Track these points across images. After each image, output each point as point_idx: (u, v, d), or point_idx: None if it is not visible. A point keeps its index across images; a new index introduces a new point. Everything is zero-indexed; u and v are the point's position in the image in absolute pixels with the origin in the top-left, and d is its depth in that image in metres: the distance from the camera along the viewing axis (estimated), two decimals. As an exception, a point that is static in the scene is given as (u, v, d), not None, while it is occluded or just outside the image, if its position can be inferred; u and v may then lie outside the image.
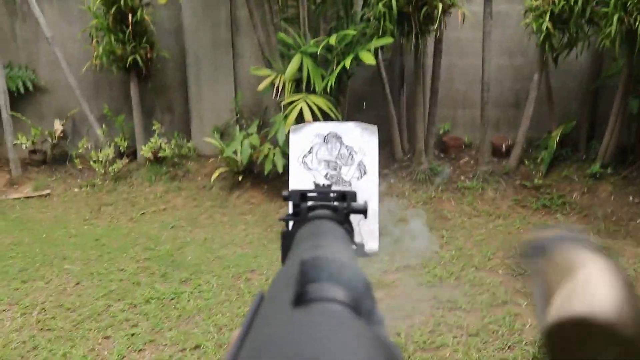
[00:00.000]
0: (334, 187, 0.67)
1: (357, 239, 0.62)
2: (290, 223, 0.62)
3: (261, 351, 0.27)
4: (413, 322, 3.48)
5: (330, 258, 0.36)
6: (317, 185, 0.67)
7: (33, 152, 6.57)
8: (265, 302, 0.35)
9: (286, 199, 0.64)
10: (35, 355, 3.29)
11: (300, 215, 0.62)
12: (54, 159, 6.61)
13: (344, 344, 0.26)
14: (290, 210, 0.65)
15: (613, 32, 4.49)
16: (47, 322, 3.65)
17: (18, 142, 6.28)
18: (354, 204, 0.63)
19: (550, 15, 4.88)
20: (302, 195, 0.63)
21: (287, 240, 0.59)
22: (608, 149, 5.27)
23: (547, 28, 4.91)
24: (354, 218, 0.65)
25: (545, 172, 5.44)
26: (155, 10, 6.15)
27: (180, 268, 4.39)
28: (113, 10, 5.72)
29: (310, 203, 0.64)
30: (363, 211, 0.63)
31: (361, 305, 0.32)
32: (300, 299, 0.31)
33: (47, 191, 6.14)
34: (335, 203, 0.64)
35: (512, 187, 5.47)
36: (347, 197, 0.64)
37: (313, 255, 0.36)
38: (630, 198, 5.04)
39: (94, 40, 5.99)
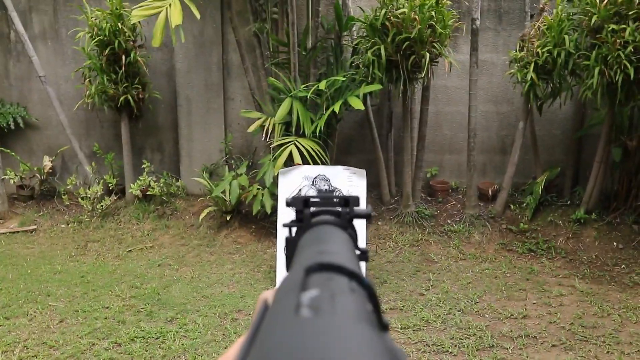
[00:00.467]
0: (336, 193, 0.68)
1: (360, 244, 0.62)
2: (294, 229, 0.61)
3: (267, 358, 0.27)
4: (400, 365, 3.46)
5: (334, 265, 0.37)
6: (320, 191, 0.69)
7: (21, 187, 6.55)
8: (270, 309, 0.35)
9: (289, 205, 0.63)
10: (16, 393, 3.23)
11: (304, 221, 0.61)
12: (41, 194, 6.59)
13: (349, 350, 0.26)
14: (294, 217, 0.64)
15: (594, 84, 4.64)
16: (29, 360, 3.59)
17: (6, 177, 6.27)
18: (357, 209, 0.62)
19: (534, 67, 5.04)
20: (305, 202, 0.63)
21: (291, 247, 0.58)
22: (592, 195, 5.37)
23: (531, 78, 5.07)
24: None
25: (531, 216, 5.52)
26: (148, 53, 6.26)
27: (166, 307, 4.35)
28: (107, 51, 5.81)
29: (313, 209, 0.63)
30: (366, 216, 0.63)
31: (367, 311, 0.33)
32: (305, 305, 0.31)
33: (34, 227, 6.10)
34: (339, 208, 0.63)
35: (498, 231, 5.53)
36: (350, 202, 0.63)
37: (317, 262, 0.37)
38: (615, 244, 5.12)
39: (87, 80, 6.06)
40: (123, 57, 5.85)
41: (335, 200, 0.64)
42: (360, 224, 4.71)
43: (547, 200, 5.69)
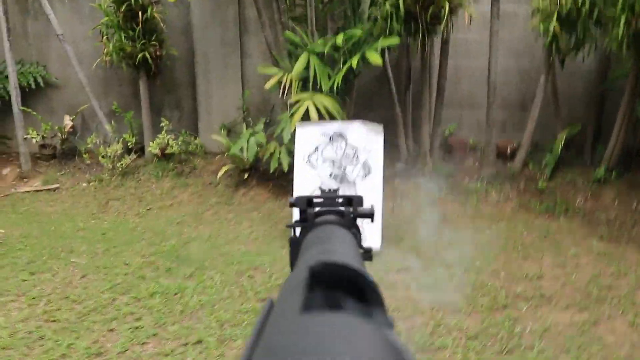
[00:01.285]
0: (340, 192, 0.67)
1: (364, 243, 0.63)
2: (298, 229, 0.62)
3: (272, 357, 0.27)
4: (413, 323, 3.51)
5: (338, 263, 0.37)
6: (323, 190, 0.69)
7: (43, 146, 6.65)
8: (275, 308, 0.36)
9: (293, 205, 0.64)
10: (41, 345, 3.35)
11: (308, 221, 0.62)
12: (63, 153, 6.69)
13: (354, 348, 0.26)
14: (297, 216, 0.65)
15: (620, 34, 4.48)
16: (53, 314, 3.71)
17: (28, 136, 6.36)
18: (360, 209, 0.63)
19: (557, 17, 4.87)
20: (309, 201, 0.63)
21: (295, 246, 0.59)
22: (613, 153, 5.26)
23: (554, 29, 4.90)
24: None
25: (550, 175, 5.45)
26: (164, 9, 6.20)
27: (184, 264, 4.44)
28: (123, 8, 5.78)
29: (317, 209, 0.64)
30: (370, 215, 0.63)
31: (370, 310, 0.33)
32: (310, 304, 0.32)
33: (56, 185, 6.22)
34: (342, 208, 0.64)
35: (516, 190, 5.48)
36: (353, 201, 0.64)
37: (321, 261, 0.37)
38: (634, 204, 5.04)
39: (104, 38, 6.05)
40: (140, 14, 5.81)
41: (338, 200, 0.64)
42: (376, 182, 4.71)
43: (566, 158, 5.60)
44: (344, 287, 0.35)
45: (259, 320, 0.34)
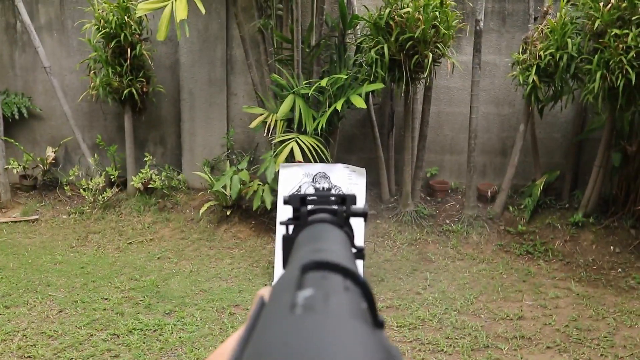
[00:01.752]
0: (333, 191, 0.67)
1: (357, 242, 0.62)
2: (291, 227, 0.61)
3: (263, 355, 0.27)
4: (394, 363, 3.49)
5: (330, 262, 0.37)
6: (317, 189, 0.70)
7: (24, 177, 6.59)
8: (266, 307, 0.35)
9: (286, 203, 0.63)
10: (14, 381, 3.27)
11: (301, 219, 0.61)
12: (44, 184, 6.63)
13: (344, 347, 0.26)
14: (290, 215, 0.64)
15: (596, 88, 4.65)
16: (28, 349, 3.63)
17: (9, 166, 6.31)
18: (353, 207, 0.62)
19: (536, 69, 5.05)
20: (302, 199, 0.62)
21: (288, 245, 0.58)
22: (590, 199, 5.40)
23: (533, 81, 5.08)
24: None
25: (529, 219, 5.55)
26: (153, 46, 6.29)
27: (164, 299, 4.39)
28: (112, 44, 5.84)
29: (310, 207, 0.63)
30: (363, 214, 0.63)
31: (362, 309, 0.33)
32: (301, 303, 0.31)
33: (36, 216, 6.14)
34: (335, 207, 0.63)
35: (496, 232, 5.56)
36: (346, 200, 0.63)
37: (313, 260, 0.37)
38: (612, 248, 5.14)
39: (92, 72, 6.10)
40: (128, 50, 5.88)
41: (332, 198, 0.63)
42: (358, 222, 4.71)
43: (545, 203, 5.72)
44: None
45: (250, 318, 0.34)
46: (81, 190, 6.12)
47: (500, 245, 5.40)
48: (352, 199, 0.62)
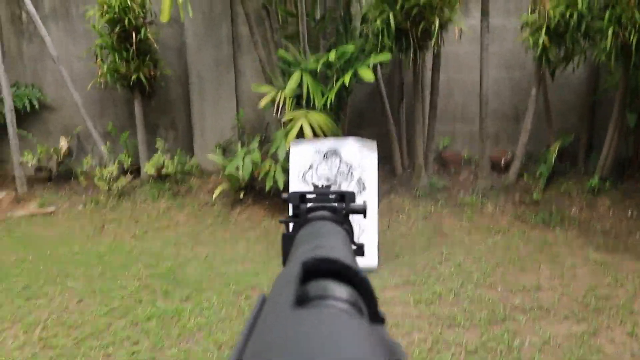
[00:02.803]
0: (332, 188, 0.67)
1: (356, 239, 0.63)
2: (291, 225, 0.62)
3: (264, 352, 0.27)
4: (412, 339, 3.50)
5: (330, 259, 0.37)
6: (316, 186, 0.69)
7: (39, 169, 6.65)
8: (267, 303, 0.36)
9: (286, 201, 0.64)
10: (37, 373, 3.33)
11: (300, 217, 0.62)
12: (59, 176, 6.69)
13: (346, 343, 0.26)
14: (290, 212, 0.65)
15: (608, 46, 4.53)
16: (49, 340, 3.69)
17: (24, 159, 6.36)
18: (352, 205, 0.63)
19: (546, 30, 4.92)
20: (302, 197, 0.64)
21: (288, 242, 0.58)
22: (606, 162, 5.29)
23: (543, 42, 4.95)
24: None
25: (544, 186, 5.46)
26: (158, 29, 6.24)
27: (181, 285, 4.43)
28: (117, 29, 5.81)
29: (309, 204, 0.64)
30: (362, 211, 0.64)
31: (362, 305, 0.33)
32: (302, 299, 0.32)
33: (52, 208, 6.21)
34: (334, 204, 0.64)
35: (511, 202, 5.49)
36: (346, 197, 0.64)
37: (313, 257, 0.37)
38: (629, 212, 5.05)
39: (99, 59, 6.08)
40: (134, 35, 5.84)
41: (331, 196, 0.65)
42: (371, 199, 4.72)
43: (560, 168, 5.63)
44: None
45: (251, 315, 0.34)
46: (95, 179, 6.17)
47: (515, 215, 5.34)
48: (351, 196, 0.64)
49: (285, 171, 5.35)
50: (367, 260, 4.55)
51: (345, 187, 4.78)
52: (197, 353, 3.47)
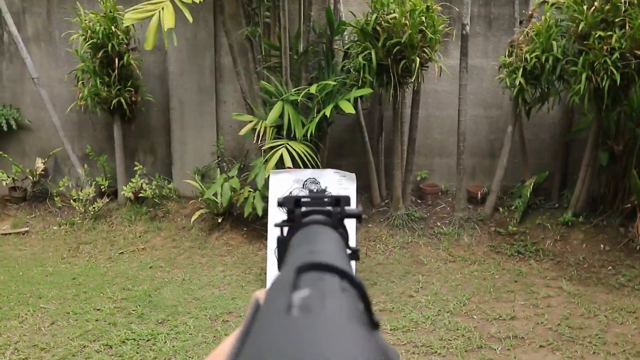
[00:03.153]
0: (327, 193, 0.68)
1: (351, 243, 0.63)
2: (285, 229, 0.61)
3: (259, 358, 0.27)
4: (389, 366, 3.50)
5: (325, 264, 0.37)
6: (311, 191, 0.70)
7: (13, 189, 6.55)
8: (262, 309, 0.35)
9: (280, 205, 0.64)
10: (7, 395, 3.24)
11: (295, 221, 0.61)
12: (34, 196, 6.60)
13: (341, 348, 0.26)
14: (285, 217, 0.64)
15: (582, 89, 4.72)
16: (20, 362, 3.61)
17: (-2, 178, 6.27)
18: (348, 209, 0.63)
19: (522, 72, 5.11)
20: (297, 201, 0.63)
21: (282, 247, 0.58)
22: (579, 198, 5.45)
23: (519, 83, 5.13)
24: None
25: (520, 219, 5.59)
26: (141, 56, 6.28)
27: (157, 309, 4.37)
28: (100, 54, 5.83)
29: (304, 208, 0.63)
30: (357, 216, 0.63)
31: (358, 310, 0.33)
32: (296, 304, 0.31)
33: (26, 228, 6.10)
34: (330, 208, 0.63)
35: (487, 233, 5.59)
36: (341, 202, 0.63)
37: (308, 262, 0.37)
38: (602, 246, 5.18)
39: (80, 82, 6.08)
40: (116, 60, 5.87)
41: (326, 200, 0.64)
42: (350, 225, 4.73)
43: (535, 203, 5.77)
44: None
45: (245, 321, 0.34)
46: (71, 201, 6.09)
47: (491, 247, 5.43)
48: (346, 200, 0.63)
49: (264, 198, 5.38)
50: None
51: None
52: (172, 376, 3.42)
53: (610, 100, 4.75)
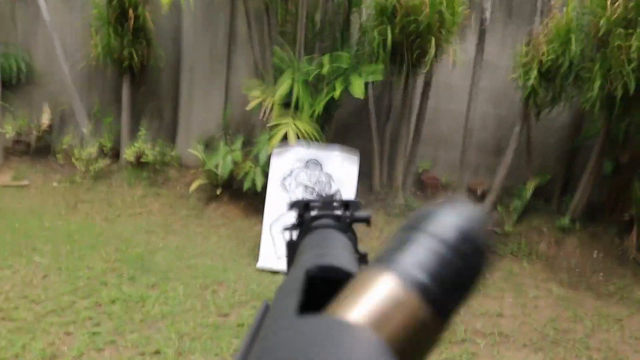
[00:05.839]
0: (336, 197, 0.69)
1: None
2: (295, 232, 0.62)
3: (267, 358, 0.27)
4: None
5: (333, 267, 0.37)
6: (320, 195, 0.69)
7: (17, 142, 6.56)
8: (271, 310, 0.35)
9: (291, 208, 0.64)
10: (-7, 343, 3.27)
11: (304, 225, 0.62)
12: (37, 150, 6.60)
13: (348, 351, 0.26)
14: (294, 220, 0.65)
15: (594, 96, 4.68)
16: (10, 312, 3.63)
17: (3, 130, 6.27)
18: (356, 213, 0.64)
19: (536, 73, 5.06)
20: (306, 205, 0.64)
21: (292, 250, 0.59)
22: (579, 204, 5.44)
23: (532, 84, 5.09)
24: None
25: (517, 220, 5.59)
26: (156, 9, 6.18)
27: (149, 272, 4.40)
28: (114, 2, 5.78)
29: (313, 213, 0.64)
30: (366, 220, 0.64)
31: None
32: (305, 307, 0.32)
33: (26, 182, 6.12)
34: (339, 212, 0.64)
35: (482, 231, 5.59)
36: (350, 206, 0.64)
37: (317, 264, 0.37)
38: (595, 254, 5.19)
39: (92, 29, 6.00)
40: (130, 11, 5.80)
41: (335, 204, 0.65)
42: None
43: (534, 205, 5.76)
44: (339, 291, 0.35)
45: (254, 321, 0.34)
46: (73, 159, 6.10)
47: (485, 244, 5.43)
48: (356, 205, 0.64)
49: (265, 174, 5.38)
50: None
51: (323, 196, 4.82)
52: (158, 340, 3.45)
53: (621, 110, 4.72)
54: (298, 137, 5.03)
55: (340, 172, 4.87)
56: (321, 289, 0.36)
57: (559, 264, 5.14)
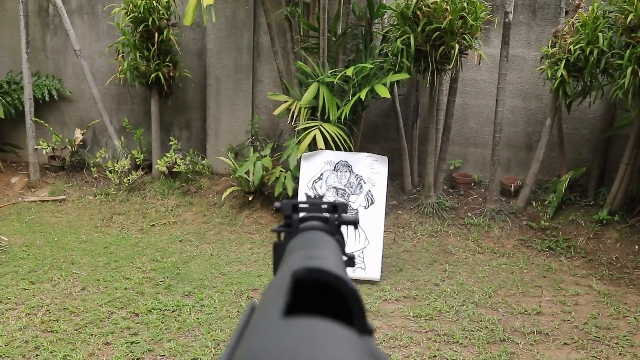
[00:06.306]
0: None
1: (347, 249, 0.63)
2: (282, 234, 0.62)
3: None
4: (409, 353, 3.51)
5: (320, 269, 0.37)
6: (308, 197, 0.69)
7: (52, 157, 6.73)
8: (257, 312, 0.35)
9: (278, 210, 0.64)
10: (37, 355, 3.36)
11: (292, 227, 0.62)
12: (72, 166, 6.76)
13: (334, 353, 0.26)
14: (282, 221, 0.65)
15: (626, 83, 4.57)
16: (51, 324, 3.73)
17: (39, 147, 6.44)
18: (344, 216, 0.63)
19: (565, 63, 4.97)
20: (294, 207, 0.63)
21: (279, 252, 0.59)
22: (616, 197, 5.30)
23: (561, 75, 5.00)
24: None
25: (553, 214, 5.48)
26: (180, 32, 6.34)
27: (184, 281, 4.46)
28: (140, 28, 5.90)
29: (302, 214, 0.64)
30: (354, 222, 0.63)
31: (351, 316, 0.34)
32: (291, 309, 0.32)
33: (63, 196, 6.27)
34: (327, 214, 0.64)
35: (518, 227, 5.50)
36: (338, 208, 0.64)
37: (304, 267, 0.37)
38: (636, 247, 5.05)
39: (120, 56, 6.18)
40: (156, 35, 5.93)
41: (323, 206, 0.65)
42: (379, 213, 4.75)
43: (570, 199, 5.64)
44: (325, 293, 0.36)
45: (240, 323, 0.34)
46: (107, 172, 6.23)
47: (521, 240, 5.34)
48: (344, 207, 0.64)
49: (295, 179, 5.40)
50: (370, 273, 4.57)
51: (354, 199, 4.82)
52: (194, 349, 3.49)
53: (655, 97, 4.60)
54: (326, 141, 5.03)
55: (370, 173, 4.86)
56: (308, 291, 0.36)
57: (599, 258, 5.02)
